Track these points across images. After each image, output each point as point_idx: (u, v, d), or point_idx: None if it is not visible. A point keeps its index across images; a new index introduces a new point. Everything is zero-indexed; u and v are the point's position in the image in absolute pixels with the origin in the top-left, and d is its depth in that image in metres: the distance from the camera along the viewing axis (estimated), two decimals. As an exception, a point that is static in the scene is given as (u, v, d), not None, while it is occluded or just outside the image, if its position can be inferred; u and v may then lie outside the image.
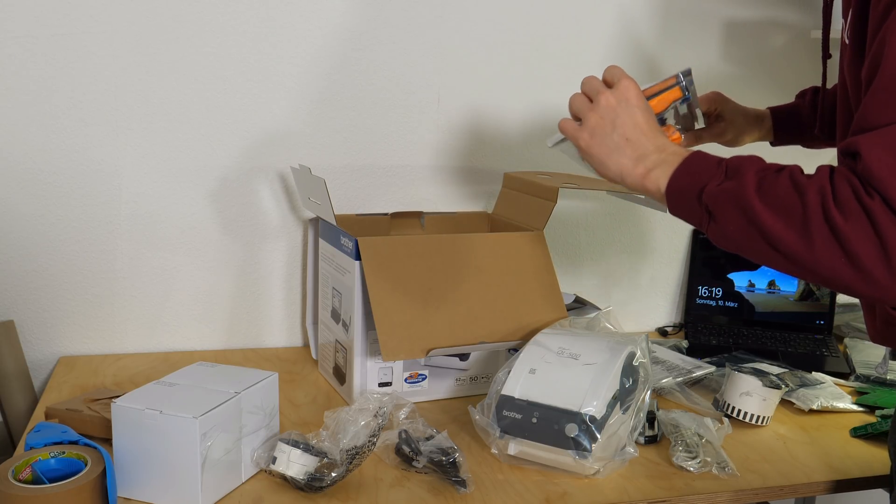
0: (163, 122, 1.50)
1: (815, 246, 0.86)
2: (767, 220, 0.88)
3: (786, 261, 0.89)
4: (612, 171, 1.02)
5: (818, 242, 0.86)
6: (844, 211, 0.84)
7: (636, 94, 1.03)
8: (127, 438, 1.03)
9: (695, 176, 0.96)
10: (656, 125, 1.03)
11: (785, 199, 0.88)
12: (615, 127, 1.02)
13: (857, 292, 0.88)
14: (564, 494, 1.10)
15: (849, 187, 0.85)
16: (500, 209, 1.62)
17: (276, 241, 1.60)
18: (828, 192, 0.86)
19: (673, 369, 1.48)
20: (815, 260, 0.86)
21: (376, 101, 1.60)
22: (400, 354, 1.28)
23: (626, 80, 1.03)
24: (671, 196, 0.97)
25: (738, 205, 0.91)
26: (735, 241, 0.93)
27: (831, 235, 0.85)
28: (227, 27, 1.50)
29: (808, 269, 0.88)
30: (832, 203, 0.85)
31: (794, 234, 0.87)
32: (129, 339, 1.56)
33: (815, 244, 0.86)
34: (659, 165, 0.99)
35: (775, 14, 1.81)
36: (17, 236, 1.47)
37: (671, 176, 0.97)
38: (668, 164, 0.98)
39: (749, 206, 0.89)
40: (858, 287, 0.86)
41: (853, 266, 0.85)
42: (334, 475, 1.06)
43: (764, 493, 1.15)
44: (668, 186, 0.97)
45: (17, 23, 1.40)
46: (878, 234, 0.83)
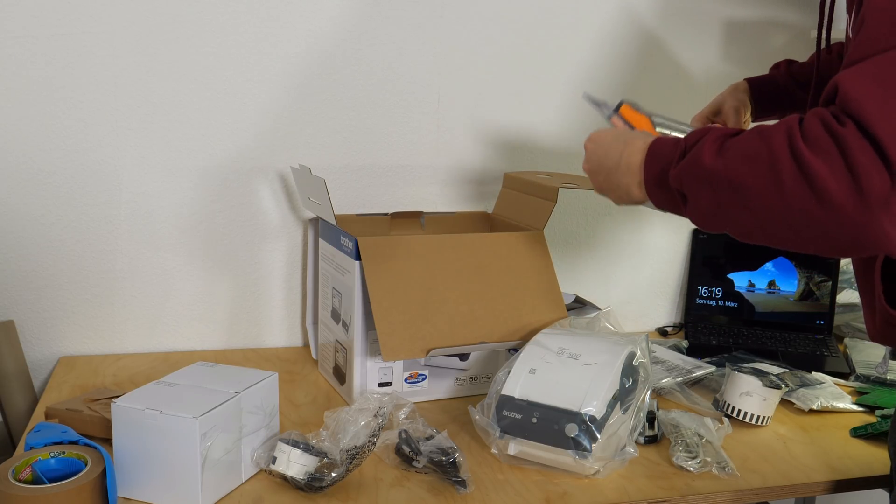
0: (163, 122, 1.50)
1: (784, 188, 0.83)
2: (732, 172, 0.87)
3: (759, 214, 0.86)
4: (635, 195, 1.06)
5: (787, 183, 0.82)
6: (813, 145, 0.81)
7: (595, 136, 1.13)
8: (127, 438, 1.03)
9: (659, 163, 0.98)
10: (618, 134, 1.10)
11: (749, 148, 0.86)
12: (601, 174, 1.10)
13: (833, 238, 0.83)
14: (564, 494, 1.10)
15: (819, 122, 0.82)
16: (500, 209, 1.62)
17: (276, 241, 1.60)
18: (795, 130, 0.83)
19: (673, 369, 1.48)
20: (787, 205, 0.83)
21: (376, 101, 1.60)
22: (400, 354, 1.28)
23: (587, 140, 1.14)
24: (650, 191, 1.00)
25: (699, 176, 0.90)
26: (712, 215, 0.91)
27: (799, 172, 0.82)
28: (226, 27, 1.50)
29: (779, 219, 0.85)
30: (800, 139, 0.82)
31: (762, 178, 0.84)
32: (129, 339, 1.56)
33: (784, 186, 0.82)
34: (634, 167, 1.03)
35: (775, 14, 1.81)
36: (17, 236, 1.47)
37: (643, 171, 1.00)
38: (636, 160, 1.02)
39: (712, 173, 0.89)
40: (832, 230, 0.82)
41: (823, 205, 0.80)
42: (334, 475, 1.06)
43: (764, 493, 1.15)
44: (644, 183, 1.00)
45: (17, 23, 1.40)
46: (848, 166, 0.79)
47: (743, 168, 0.86)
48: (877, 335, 1.09)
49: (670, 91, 1.78)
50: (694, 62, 1.78)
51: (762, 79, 1.45)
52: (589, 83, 1.72)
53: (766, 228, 0.87)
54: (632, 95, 1.76)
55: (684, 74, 1.78)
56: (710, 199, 0.90)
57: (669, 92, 1.78)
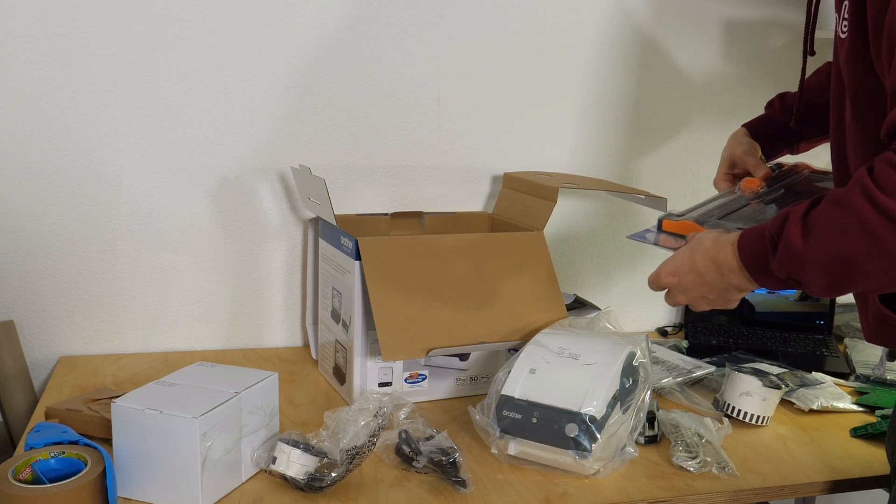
0: (163, 122, 1.50)
1: (883, 242, 0.84)
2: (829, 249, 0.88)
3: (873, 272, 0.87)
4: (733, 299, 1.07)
5: (885, 238, 0.83)
6: (892, 193, 0.82)
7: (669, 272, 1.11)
8: (127, 438, 1.03)
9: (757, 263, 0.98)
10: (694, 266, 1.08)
11: (833, 221, 0.87)
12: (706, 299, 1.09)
13: None
14: (564, 494, 1.10)
15: (889, 168, 0.83)
16: (500, 209, 1.62)
17: (276, 241, 1.60)
18: (869, 185, 0.84)
19: (673, 369, 1.48)
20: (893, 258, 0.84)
21: (376, 101, 1.60)
22: (400, 354, 1.28)
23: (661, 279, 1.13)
24: (764, 285, 1.00)
25: (800, 263, 0.91)
26: (832, 288, 0.93)
27: (891, 224, 0.83)
28: (227, 27, 1.49)
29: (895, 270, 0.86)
30: (878, 193, 0.83)
31: (858, 241, 0.85)
32: (129, 339, 1.56)
33: (883, 240, 0.83)
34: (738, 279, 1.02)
35: (775, 14, 1.81)
36: (17, 236, 1.47)
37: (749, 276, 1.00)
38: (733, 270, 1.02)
39: (811, 256, 0.89)
40: None
41: None
42: (334, 475, 1.06)
43: (764, 493, 1.15)
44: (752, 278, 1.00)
45: (17, 23, 1.40)
46: None
47: (837, 242, 0.87)
48: (871, 335, 1.08)
49: (670, 91, 1.78)
50: (694, 62, 1.78)
51: (759, 121, 1.42)
52: (589, 83, 1.72)
53: (888, 283, 0.89)
54: (632, 95, 1.76)
55: (684, 74, 1.78)
56: (822, 277, 0.91)
57: (669, 92, 1.78)
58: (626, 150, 1.79)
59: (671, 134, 1.81)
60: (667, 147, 1.81)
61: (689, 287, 1.09)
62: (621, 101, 1.76)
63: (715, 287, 1.06)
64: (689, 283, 1.09)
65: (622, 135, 1.78)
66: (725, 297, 1.07)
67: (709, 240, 1.07)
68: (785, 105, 1.39)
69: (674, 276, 1.10)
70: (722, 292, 1.06)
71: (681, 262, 1.10)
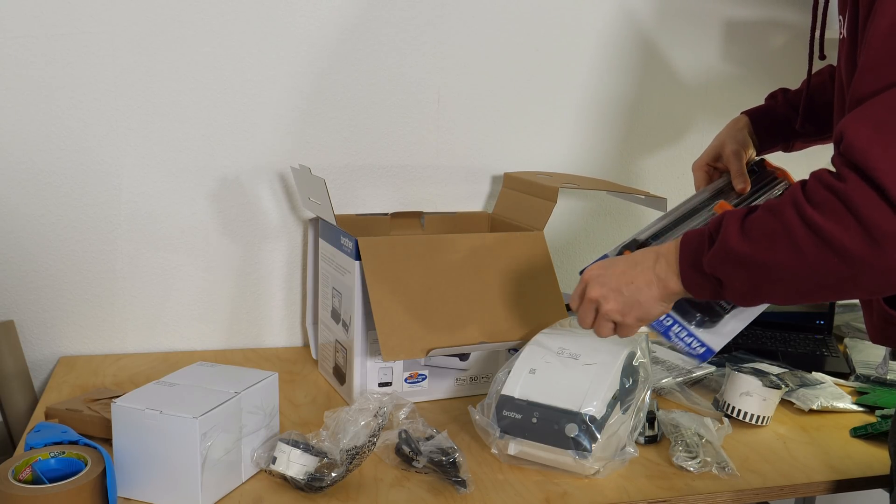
0: (163, 122, 1.50)
1: (806, 256, 0.86)
2: (757, 254, 0.90)
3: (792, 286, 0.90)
4: (658, 308, 1.05)
5: (808, 251, 0.86)
6: (820, 207, 0.84)
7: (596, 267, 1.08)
8: (127, 438, 1.03)
9: (692, 255, 0.98)
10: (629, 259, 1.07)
11: (766, 227, 0.89)
12: (620, 292, 1.05)
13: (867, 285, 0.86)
14: (564, 494, 1.10)
15: (819, 184, 0.85)
16: (500, 209, 1.62)
17: (276, 241, 1.60)
18: (800, 198, 0.86)
19: (673, 369, 1.48)
20: (814, 271, 0.86)
21: (376, 101, 1.60)
22: (400, 354, 1.28)
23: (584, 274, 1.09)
24: (687, 285, 1.00)
25: (730, 259, 0.92)
26: (750, 293, 0.94)
27: (815, 237, 0.85)
28: (227, 27, 1.50)
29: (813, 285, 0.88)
30: (807, 206, 0.85)
31: (784, 253, 0.88)
32: (129, 339, 1.56)
33: (807, 254, 0.86)
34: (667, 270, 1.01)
35: (775, 14, 1.81)
36: (17, 236, 1.47)
37: (678, 269, 1.00)
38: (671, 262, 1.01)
39: (739, 254, 0.91)
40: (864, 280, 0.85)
41: (846, 261, 0.84)
42: (334, 475, 1.06)
43: (764, 493, 1.15)
44: (681, 279, 1.00)
45: (17, 23, 1.40)
46: (857, 219, 0.82)
47: (766, 247, 0.89)
48: (876, 335, 1.08)
49: (670, 91, 1.78)
50: (694, 62, 1.78)
51: (760, 110, 1.41)
52: (589, 83, 1.72)
53: (804, 294, 0.91)
54: (632, 95, 1.76)
55: (684, 74, 1.78)
56: (744, 279, 0.93)
57: (669, 92, 1.78)
58: (626, 150, 1.79)
59: (671, 134, 1.81)
60: (667, 147, 1.81)
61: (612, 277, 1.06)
62: (621, 101, 1.76)
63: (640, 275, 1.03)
64: (613, 275, 1.06)
65: (622, 135, 1.78)
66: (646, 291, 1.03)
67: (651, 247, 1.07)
68: (788, 100, 1.39)
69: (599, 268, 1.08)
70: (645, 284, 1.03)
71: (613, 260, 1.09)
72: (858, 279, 0.85)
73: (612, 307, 1.05)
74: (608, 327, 1.08)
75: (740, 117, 1.41)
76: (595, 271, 1.08)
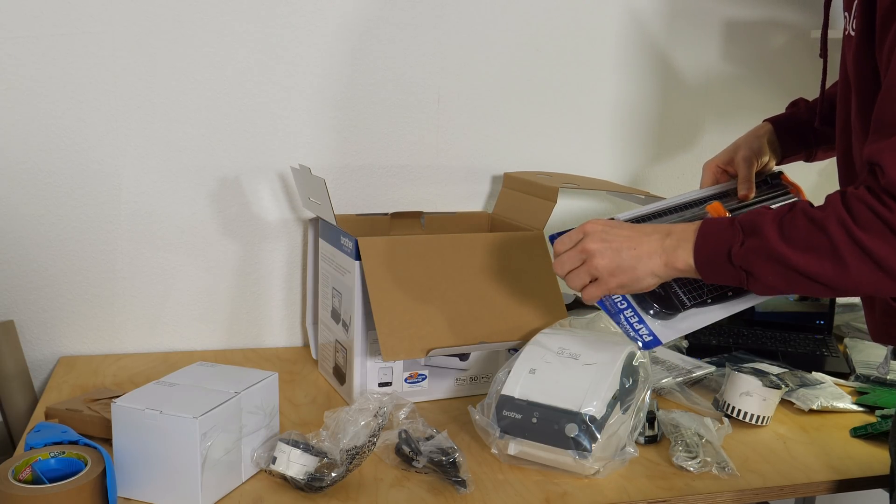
0: (163, 122, 1.50)
1: (850, 270, 0.92)
2: (801, 262, 0.94)
3: (829, 290, 0.96)
4: (648, 281, 1.06)
5: (853, 266, 0.91)
6: (868, 230, 0.90)
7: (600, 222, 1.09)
8: (127, 438, 1.03)
9: (715, 243, 1.01)
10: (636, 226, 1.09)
11: (809, 237, 0.94)
12: (619, 253, 1.06)
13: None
14: (564, 494, 1.10)
15: (864, 207, 0.90)
16: (500, 209, 1.62)
17: (276, 241, 1.60)
18: (846, 218, 0.91)
19: (673, 369, 1.48)
20: (856, 283, 0.93)
21: (376, 101, 1.60)
22: (400, 354, 1.28)
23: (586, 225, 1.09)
24: (702, 268, 1.03)
25: (769, 257, 0.96)
26: (777, 287, 0.99)
27: (862, 255, 0.91)
28: (226, 27, 1.50)
29: (852, 291, 0.96)
30: (854, 227, 0.91)
31: (829, 265, 0.93)
32: (129, 339, 1.56)
33: (851, 269, 0.92)
34: (678, 246, 1.04)
35: (775, 14, 1.81)
36: (17, 236, 1.47)
37: (694, 250, 1.03)
38: (684, 240, 1.03)
39: (781, 255, 0.95)
40: None
41: (890, 276, 0.91)
42: (334, 475, 1.06)
43: (764, 493, 1.15)
44: (695, 261, 1.03)
45: (17, 23, 1.40)
46: None
47: (810, 259, 0.94)
48: (877, 330, 1.09)
49: (670, 91, 1.78)
50: (694, 62, 1.78)
51: (783, 117, 1.40)
52: (589, 83, 1.72)
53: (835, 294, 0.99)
54: (632, 95, 1.76)
55: (684, 74, 1.78)
56: (780, 278, 0.98)
57: (669, 92, 1.78)
58: (626, 150, 1.79)
59: (671, 134, 1.81)
60: (667, 147, 1.81)
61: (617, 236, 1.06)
62: (621, 101, 1.76)
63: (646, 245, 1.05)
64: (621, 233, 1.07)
65: (622, 135, 1.78)
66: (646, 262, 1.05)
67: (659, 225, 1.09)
68: (809, 107, 1.39)
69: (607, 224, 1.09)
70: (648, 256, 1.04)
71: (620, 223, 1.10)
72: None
73: (603, 264, 1.06)
74: (584, 281, 1.08)
75: (763, 125, 1.39)
76: (598, 226, 1.08)
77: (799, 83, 1.83)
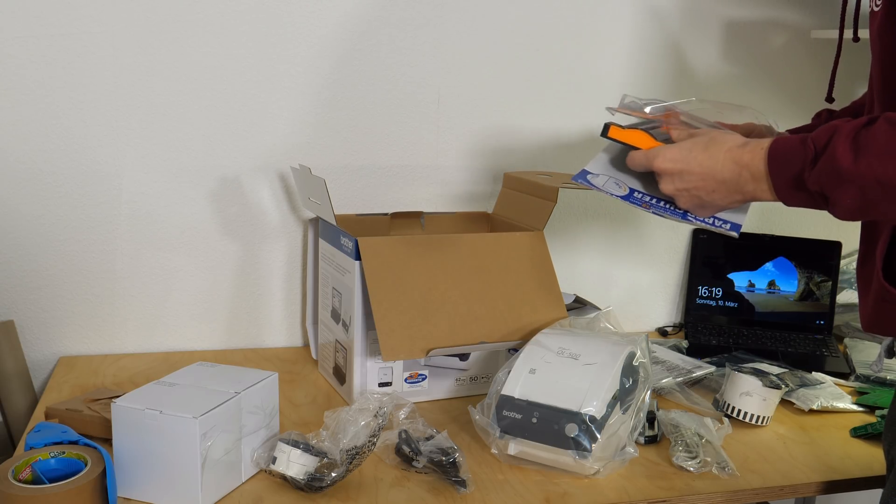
0: (163, 122, 1.50)
1: None
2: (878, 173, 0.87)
3: None
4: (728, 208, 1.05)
5: None
6: None
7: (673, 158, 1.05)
8: (127, 438, 1.03)
9: (790, 168, 0.94)
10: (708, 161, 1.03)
11: (888, 143, 0.86)
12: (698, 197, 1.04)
13: None
14: (564, 494, 1.10)
15: None
16: (500, 209, 1.62)
17: (276, 241, 1.60)
18: None
19: (673, 369, 1.48)
20: None
21: (376, 101, 1.60)
22: (400, 354, 1.28)
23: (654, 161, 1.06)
24: (784, 195, 0.97)
25: (841, 178, 0.89)
26: (859, 210, 0.92)
27: None
28: (226, 27, 1.50)
29: None
30: None
31: None
32: (129, 339, 1.56)
33: None
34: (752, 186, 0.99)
35: (775, 14, 1.81)
36: (17, 236, 1.47)
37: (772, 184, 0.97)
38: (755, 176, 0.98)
39: (855, 174, 0.88)
40: None
41: None
42: (334, 475, 1.06)
43: (764, 493, 1.15)
44: (775, 188, 0.97)
45: (17, 23, 1.40)
46: None
47: (889, 165, 0.86)
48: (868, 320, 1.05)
49: (670, 91, 1.78)
50: (694, 62, 1.78)
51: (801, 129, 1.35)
52: (588, 83, 1.72)
53: None
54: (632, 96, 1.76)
55: (684, 74, 1.78)
56: (857, 197, 0.90)
57: (669, 92, 1.77)
58: (626, 150, 1.79)
59: (671, 134, 1.81)
60: (667, 147, 1.81)
61: (691, 180, 1.03)
62: (621, 101, 1.76)
63: (724, 188, 1.01)
64: (693, 176, 1.03)
65: (622, 135, 1.77)
66: (727, 199, 1.02)
67: (730, 138, 1.02)
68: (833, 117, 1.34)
69: (676, 164, 1.04)
70: (727, 195, 1.02)
71: (690, 151, 1.04)
72: None
73: (684, 204, 1.06)
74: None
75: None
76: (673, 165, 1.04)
77: (799, 83, 1.83)
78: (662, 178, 1.07)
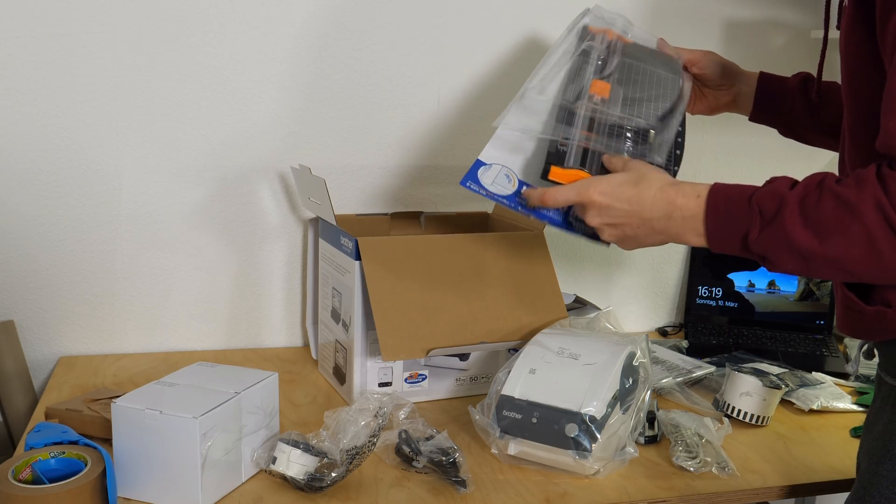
0: (163, 122, 1.50)
1: (885, 259, 0.85)
2: (828, 252, 0.87)
3: (854, 277, 0.89)
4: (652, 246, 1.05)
5: (889, 255, 0.85)
6: None
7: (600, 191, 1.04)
8: (127, 438, 1.03)
9: (731, 224, 0.94)
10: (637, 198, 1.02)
11: (839, 223, 0.86)
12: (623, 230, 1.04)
13: None
14: (564, 494, 1.10)
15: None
16: (500, 209, 1.62)
17: (276, 241, 1.60)
18: (886, 204, 0.84)
19: (673, 369, 1.48)
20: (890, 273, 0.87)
21: (376, 101, 1.60)
22: (400, 354, 1.28)
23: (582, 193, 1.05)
24: (715, 248, 0.97)
25: (790, 249, 0.89)
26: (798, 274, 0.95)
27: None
28: (226, 27, 1.50)
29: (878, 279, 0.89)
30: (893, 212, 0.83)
31: (860, 253, 0.86)
32: (129, 339, 1.56)
33: (887, 259, 0.85)
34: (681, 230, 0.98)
35: (775, 14, 1.81)
36: (17, 236, 1.47)
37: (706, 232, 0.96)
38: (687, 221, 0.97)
39: (803, 248, 0.88)
40: None
41: None
42: (334, 475, 1.06)
43: (764, 493, 1.15)
44: (707, 241, 0.97)
45: (17, 23, 1.40)
46: None
47: (840, 247, 0.86)
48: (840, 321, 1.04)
49: (670, 91, 1.77)
50: (694, 62, 1.78)
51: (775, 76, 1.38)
52: (589, 83, 1.72)
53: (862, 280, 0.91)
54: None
55: (684, 74, 1.78)
56: (801, 267, 0.91)
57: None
58: (626, 150, 1.79)
59: (671, 134, 1.81)
60: (667, 147, 1.81)
61: (617, 215, 1.02)
62: (621, 101, 1.76)
63: (648, 226, 1.01)
64: (620, 212, 1.02)
65: (622, 135, 1.77)
66: (650, 238, 1.02)
67: (662, 178, 1.02)
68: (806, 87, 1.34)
69: (605, 197, 1.03)
70: (651, 233, 1.01)
71: (620, 186, 1.02)
72: None
73: (607, 236, 1.05)
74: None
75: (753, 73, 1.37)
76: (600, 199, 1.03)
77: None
78: (589, 210, 1.05)
